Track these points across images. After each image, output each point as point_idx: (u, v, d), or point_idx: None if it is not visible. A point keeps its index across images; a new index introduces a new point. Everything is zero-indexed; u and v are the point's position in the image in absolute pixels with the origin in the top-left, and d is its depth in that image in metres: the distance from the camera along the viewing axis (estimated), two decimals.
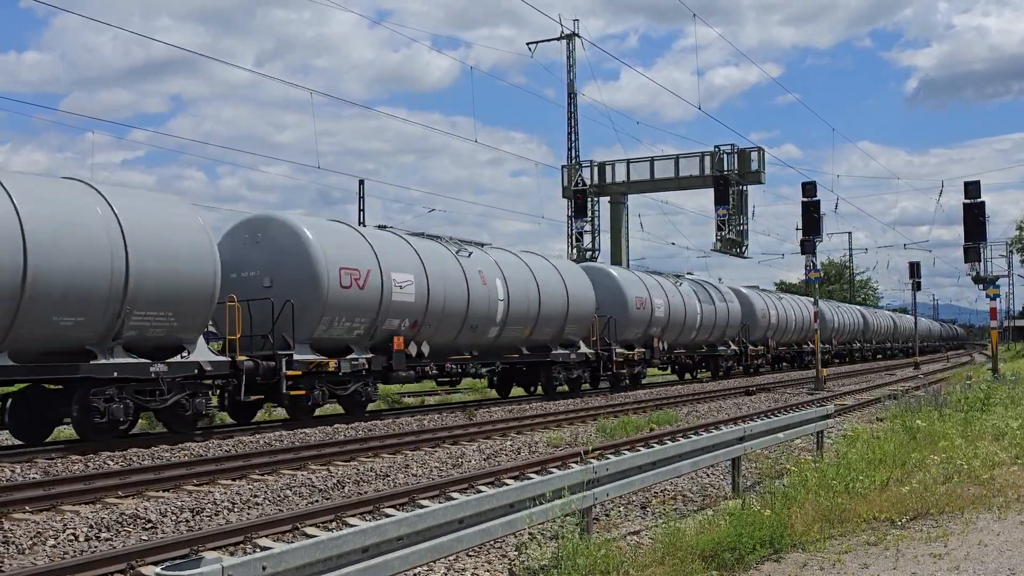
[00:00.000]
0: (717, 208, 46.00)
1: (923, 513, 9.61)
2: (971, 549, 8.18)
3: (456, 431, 18.06)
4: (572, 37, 47.72)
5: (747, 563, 7.71)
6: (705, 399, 28.07)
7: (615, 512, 10.66)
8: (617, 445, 15.55)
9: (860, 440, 14.31)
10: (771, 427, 12.85)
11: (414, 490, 11.22)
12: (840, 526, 9.00)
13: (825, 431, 14.70)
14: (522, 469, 13.10)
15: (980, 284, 37.54)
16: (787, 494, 9.90)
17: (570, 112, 48.61)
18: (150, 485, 11.71)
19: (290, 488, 11.75)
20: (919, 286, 62.01)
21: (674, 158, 49.40)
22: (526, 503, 7.38)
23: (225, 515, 10.30)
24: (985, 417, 16.79)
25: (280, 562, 5.04)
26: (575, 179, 47.74)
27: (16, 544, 8.67)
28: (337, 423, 19.35)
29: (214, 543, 8.51)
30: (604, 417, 21.06)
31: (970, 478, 11.34)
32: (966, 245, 35.55)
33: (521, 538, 8.49)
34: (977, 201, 34.17)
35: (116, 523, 9.58)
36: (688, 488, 12.26)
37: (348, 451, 14.99)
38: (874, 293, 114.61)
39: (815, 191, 33.74)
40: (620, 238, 49.96)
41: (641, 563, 7.41)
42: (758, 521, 8.33)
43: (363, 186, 43.60)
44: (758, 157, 47.68)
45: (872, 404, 25.40)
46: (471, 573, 7.94)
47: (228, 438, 16.71)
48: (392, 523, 6.03)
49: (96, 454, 14.55)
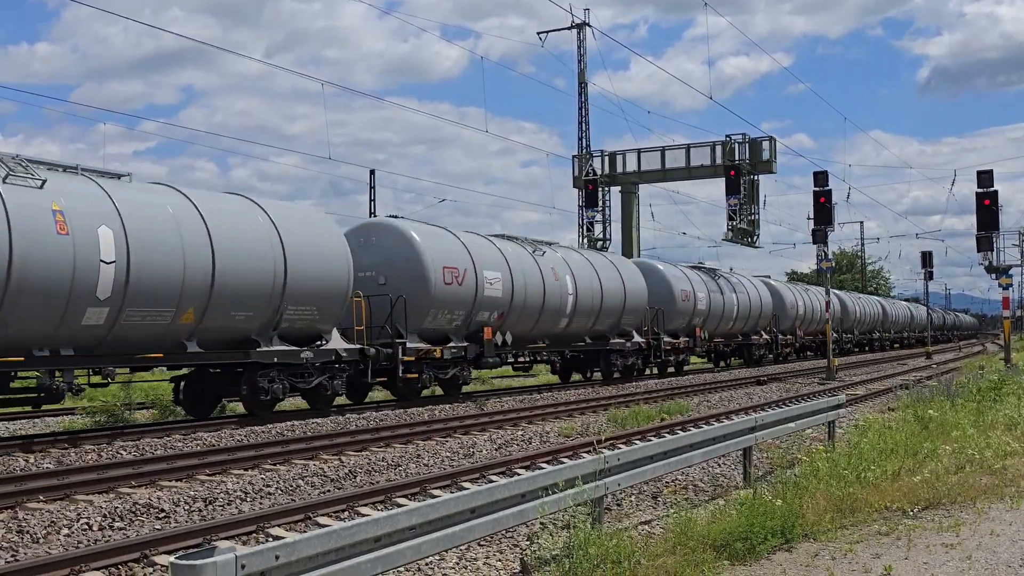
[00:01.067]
0: (728, 198, 45.88)
1: (935, 503, 9.59)
2: (983, 539, 8.16)
3: (467, 421, 18.09)
4: (583, 26, 47.53)
5: (759, 553, 7.70)
6: (716, 389, 28.05)
7: (627, 502, 10.67)
8: (628, 435, 15.56)
9: (872, 430, 14.26)
10: (782, 417, 12.83)
11: (426, 480, 11.25)
12: (852, 516, 8.99)
13: (837, 421, 14.67)
14: (534, 459, 13.12)
15: (993, 274, 37.31)
16: (799, 484, 9.89)
17: (581, 102, 48.44)
18: (163, 475, 11.77)
19: (302, 478, 11.79)
20: (931, 276, 61.86)
21: (685, 148, 49.30)
22: (538, 493, 7.39)
23: (238, 505, 10.35)
24: (998, 407, 16.73)
25: (293, 552, 5.05)
26: (586, 169, 47.63)
27: (31, 533, 8.72)
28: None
29: (227, 532, 8.55)
30: (615, 407, 21.05)
31: (982, 468, 11.32)
32: (979, 234, 35.33)
33: (533, 528, 8.51)
34: (990, 190, 33.94)
35: (130, 512, 9.64)
36: (699, 478, 12.26)
37: (360, 441, 15.03)
38: (886, 283, 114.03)
39: (827, 180, 33.58)
40: (631, 228, 49.92)
41: (653, 553, 7.42)
42: (770, 511, 8.32)
43: (374, 176, 43.68)
44: (769, 146, 47.54)
45: (884, 394, 25.34)
46: (483, 562, 7.96)
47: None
48: (404, 513, 6.05)
49: (109, 444, 14.64)
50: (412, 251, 22.39)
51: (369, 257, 22.42)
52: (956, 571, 7.20)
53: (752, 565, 7.49)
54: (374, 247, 22.70)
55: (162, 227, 16.14)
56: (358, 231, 23.19)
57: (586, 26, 47.64)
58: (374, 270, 22.37)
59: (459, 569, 7.75)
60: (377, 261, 22.48)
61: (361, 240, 22.59)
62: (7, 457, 13.29)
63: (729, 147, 46.61)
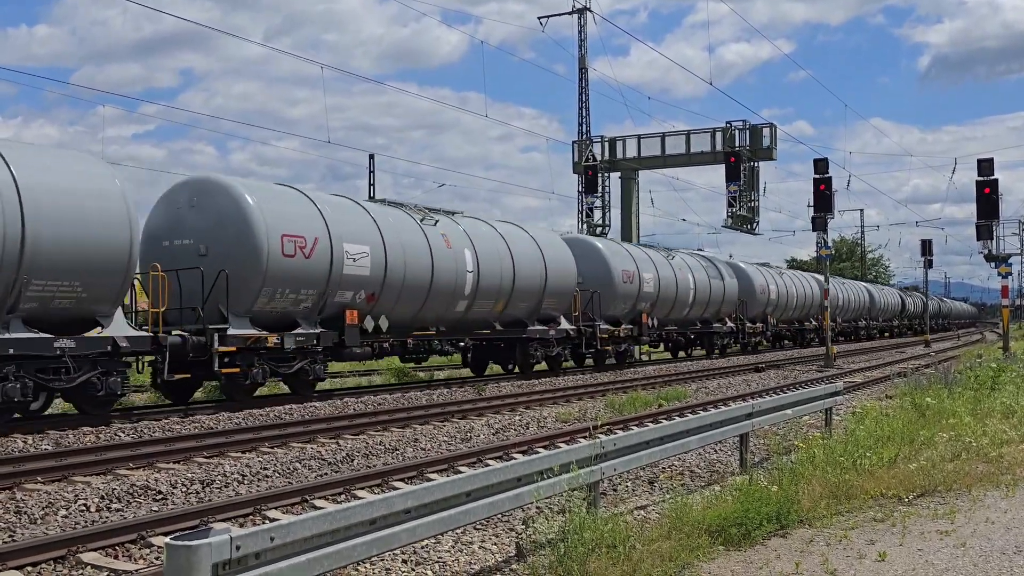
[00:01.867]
0: (728, 184, 45.83)
1: (931, 490, 9.62)
2: (978, 526, 8.19)
3: (465, 406, 18.11)
4: (584, 11, 47.35)
5: (754, 538, 7.73)
6: (715, 375, 28.09)
7: (623, 487, 10.69)
8: (626, 420, 15.58)
9: (869, 417, 14.30)
10: (779, 404, 12.85)
11: (422, 463, 11.28)
12: (847, 502, 9.02)
13: (834, 408, 14.69)
14: (530, 444, 13.15)
15: (992, 262, 37.33)
16: (795, 470, 9.91)
17: (581, 87, 48.27)
18: (161, 457, 11.79)
19: (299, 461, 11.81)
20: (931, 264, 61.81)
21: (685, 134, 49.18)
22: (534, 477, 7.40)
23: (235, 487, 10.37)
24: (995, 395, 16.76)
25: (288, 533, 5.07)
26: (586, 155, 47.53)
27: (28, 514, 8.75)
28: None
29: (224, 514, 8.58)
30: (613, 393, 21.09)
31: (978, 456, 11.35)
32: (979, 223, 35.34)
33: (528, 512, 8.53)
34: (990, 179, 33.92)
35: (127, 494, 9.66)
36: (696, 464, 12.29)
37: (358, 424, 15.06)
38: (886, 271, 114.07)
39: (827, 168, 33.55)
40: (631, 214, 49.85)
41: (648, 537, 7.44)
42: (765, 497, 8.35)
43: (373, 161, 43.47)
44: (770, 133, 47.44)
45: (881, 382, 25.38)
46: (478, 546, 7.98)
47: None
48: (400, 496, 6.06)
49: (107, 426, 14.65)
50: (240, 214, 18.04)
51: (191, 222, 18.35)
52: (950, 557, 7.22)
53: (747, 550, 7.52)
54: (196, 209, 18.40)
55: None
56: (177, 189, 18.94)
57: (587, 11, 47.47)
58: (193, 238, 18.25)
59: (454, 552, 7.77)
60: (199, 227, 18.24)
61: (181, 201, 18.60)
62: (5, 438, 13.30)
63: (729, 134, 46.52)
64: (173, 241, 18.36)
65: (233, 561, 4.68)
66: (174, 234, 18.41)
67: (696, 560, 7.07)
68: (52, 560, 7.16)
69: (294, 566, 5.10)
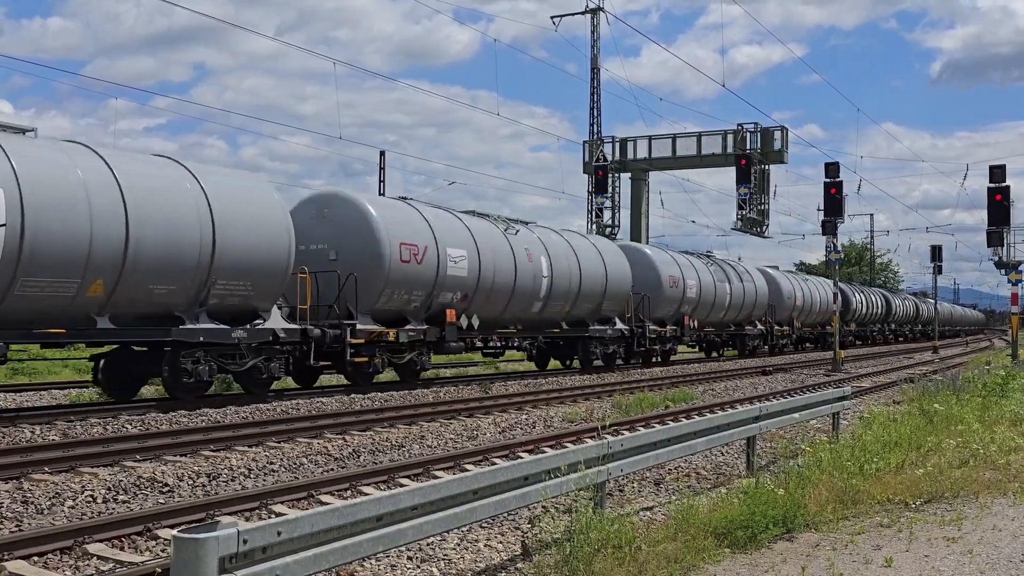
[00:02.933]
0: (739, 187, 45.86)
1: (938, 496, 9.58)
2: (985, 533, 8.16)
3: (472, 404, 18.12)
4: (597, 11, 47.34)
5: (759, 541, 7.71)
6: (722, 378, 28.05)
7: (629, 488, 10.68)
8: (633, 421, 15.57)
9: (876, 422, 14.25)
10: (787, 407, 12.81)
11: (429, 461, 11.28)
12: (854, 507, 8.99)
13: (841, 413, 14.66)
14: (537, 443, 13.14)
15: (1002, 269, 37.22)
16: (801, 474, 9.88)
17: (593, 87, 48.27)
18: (168, 450, 11.82)
19: (306, 456, 11.83)
20: (940, 270, 61.63)
21: (696, 136, 49.18)
22: (540, 476, 7.39)
23: (241, 481, 10.39)
24: (1003, 402, 16.70)
25: (295, 528, 5.07)
26: (596, 155, 47.52)
27: (35, 504, 8.77)
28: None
29: (230, 508, 8.59)
30: (620, 394, 21.07)
31: (986, 463, 11.29)
32: (989, 229, 35.23)
33: (535, 511, 8.53)
34: (1002, 185, 33.84)
35: (134, 486, 9.68)
36: (702, 466, 12.27)
37: (364, 421, 15.07)
38: (895, 276, 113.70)
39: (838, 172, 33.52)
40: (640, 215, 49.84)
41: (654, 538, 7.43)
42: (772, 500, 8.32)
43: (384, 157, 43.50)
44: (781, 136, 47.42)
45: (889, 387, 25.30)
46: (484, 544, 7.98)
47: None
48: (406, 493, 6.06)
49: (115, 418, 14.69)
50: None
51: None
52: (957, 564, 7.20)
53: (753, 553, 7.50)
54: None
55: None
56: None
57: (600, 11, 47.46)
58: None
59: (460, 550, 7.77)
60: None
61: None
62: (13, 428, 13.35)
63: (741, 136, 46.50)
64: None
65: (240, 555, 4.67)
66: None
67: (702, 562, 7.06)
68: (59, 551, 7.18)
69: (300, 561, 5.10)
